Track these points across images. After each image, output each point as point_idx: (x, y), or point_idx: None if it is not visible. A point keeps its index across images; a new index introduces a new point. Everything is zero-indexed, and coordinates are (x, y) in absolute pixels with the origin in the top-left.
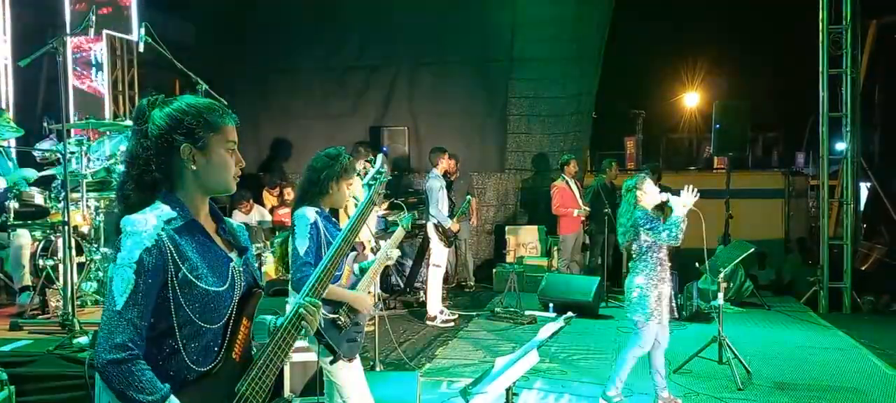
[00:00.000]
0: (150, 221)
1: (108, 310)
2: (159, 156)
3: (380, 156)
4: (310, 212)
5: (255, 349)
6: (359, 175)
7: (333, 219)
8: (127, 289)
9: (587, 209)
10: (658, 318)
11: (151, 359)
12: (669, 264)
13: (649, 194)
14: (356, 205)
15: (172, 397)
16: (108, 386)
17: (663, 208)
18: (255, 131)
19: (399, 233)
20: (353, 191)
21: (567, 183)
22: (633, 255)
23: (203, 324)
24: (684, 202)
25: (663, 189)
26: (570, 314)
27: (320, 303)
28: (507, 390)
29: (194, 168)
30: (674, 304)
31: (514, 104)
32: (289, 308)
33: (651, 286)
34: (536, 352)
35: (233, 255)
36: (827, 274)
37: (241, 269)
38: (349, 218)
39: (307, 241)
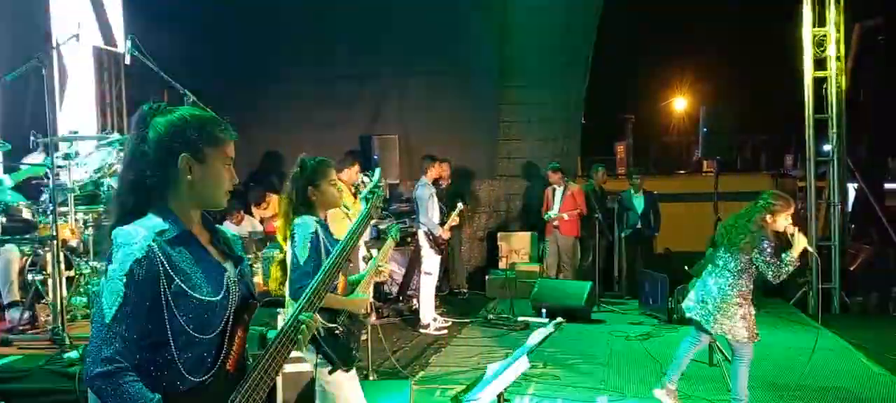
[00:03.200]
0: (140, 233)
1: (97, 323)
2: (157, 162)
3: (378, 170)
4: (310, 221)
5: (249, 360)
6: (357, 187)
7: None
8: (116, 302)
9: (558, 215)
10: (751, 333)
11: (145, 370)
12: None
13: (779, 223)
14: (347, 216)
15: None
16: (96, 396)
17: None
18: (244, 142)
19: (388, 245)
20: (345, 199)
21: (552, 188)
22: (721, 269)
23: (197, 335)
24: (802, 244)
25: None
26: (560, 319)
27: (316, 317)
28: (499, 395)
29: (190, 179)
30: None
31: (504, 111)
32: (281, 320)
33: (748, 306)
34: (527, 358)
35: (227, 265)
36: (816, 275)
37: (235, 279)
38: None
39: (308, 251)
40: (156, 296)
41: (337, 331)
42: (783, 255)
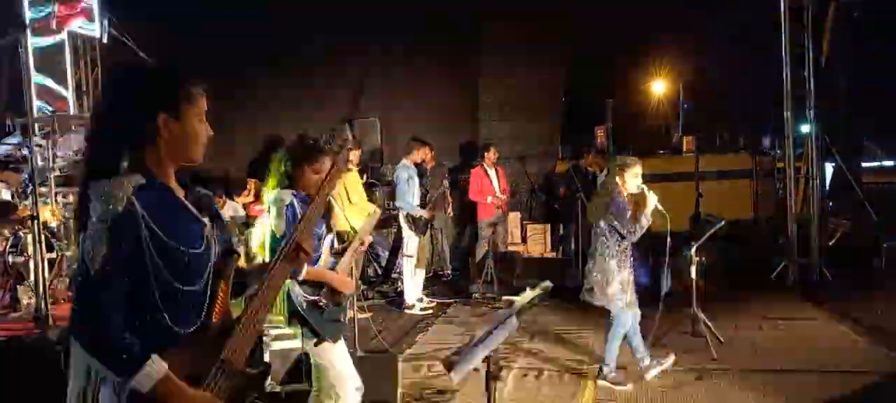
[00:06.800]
0: (120, 185)
1: (82, 276)
2: (133, 121)
3: (346, 127)
4: (285, 195)
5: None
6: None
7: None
8: (100, 254)
9: (502, 198)
10: (627, 301)
11: (132, 322)
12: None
13: (632, 182)
14: (349, 199)
15: (154, 356)
16: (87, 351)
17: (639, 199)
18: (224, 129)
19: (373, 216)
20: (349, 183)
21: (484, 169)
22: (595, 238)
23: (181, 286)
24: (652, 203)
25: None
26: (547, 282)
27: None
28: (487, 358)
29: (167, 136)
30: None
31: (484, 92)
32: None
33: (614, 272)
34: (515, 319)
35: (205, 219)
36: (795, 249)
37: (214, 233)
38: (343, 212)
39: (283, 224)
40: (139, 250)
41: (321, 303)
42: (639, 215)
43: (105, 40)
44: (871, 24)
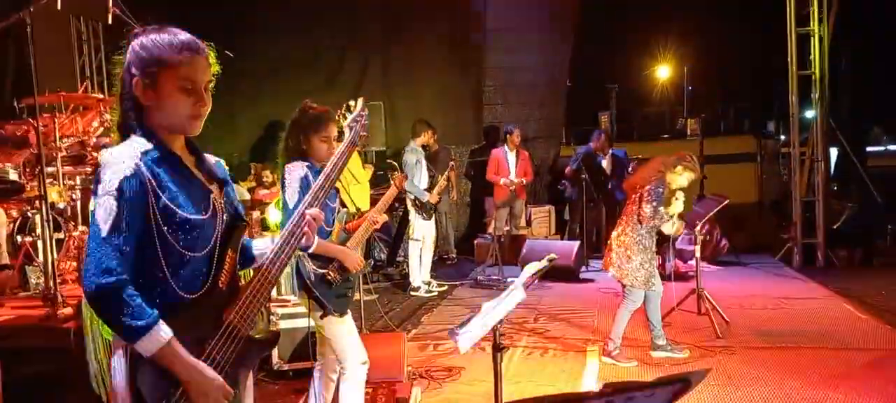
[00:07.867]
0: (127, 152)
1: (93, 239)
2: (127, 88)
3: (360, 100)
4: (300, 166)
5: (241, 281)
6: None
7: None
8: (110, 217)
9: (515, 181)
10: (643, 280)
11: (138, 287)
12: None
13: (681, 178)
14: (354, 178)
15: (161, 322)
16: (97, 313)
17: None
18: (227, 115)
19: (390, 193)
20: (351, 163)
21: (505, 152)
22: (627, 219)
23: (187, 252)
24: (676, 209)
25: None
26: (552, 255)
27: (322, 214)
28: (494, 329)
29: (146, 101)
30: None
31: (488, 75)
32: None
33: (639, 252)
34: (522, 289)
35: (213, 187)
36: (800, 229)
37: (222, 201)
38: (348, 192)
39: (297, 194)
40: (145, 213)
41: (328, 276)
42: (670, 209)
43: (110, 22)
44: (876, 7)
